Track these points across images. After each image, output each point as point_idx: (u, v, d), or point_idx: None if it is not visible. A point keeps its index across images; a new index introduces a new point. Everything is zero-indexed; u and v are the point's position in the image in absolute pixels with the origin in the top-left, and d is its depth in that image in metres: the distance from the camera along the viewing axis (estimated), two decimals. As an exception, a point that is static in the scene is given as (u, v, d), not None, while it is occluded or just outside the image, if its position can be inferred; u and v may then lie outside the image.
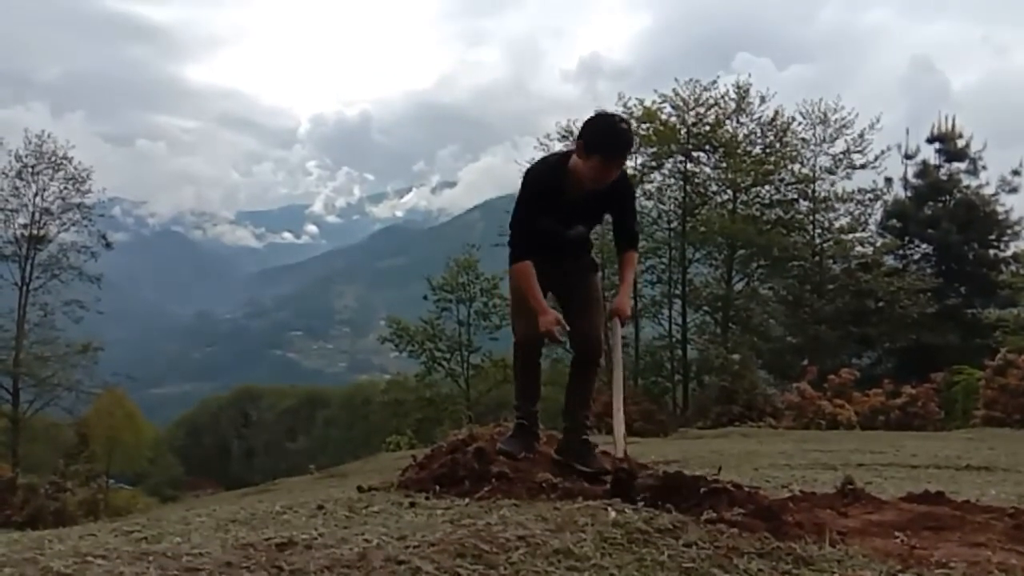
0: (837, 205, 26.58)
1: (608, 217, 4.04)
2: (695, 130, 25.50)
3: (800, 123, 26.06)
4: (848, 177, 26.36)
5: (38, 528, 5.52)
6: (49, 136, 28.53)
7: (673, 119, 25.66)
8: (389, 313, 34.78)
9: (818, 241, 26.75)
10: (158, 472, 48.93)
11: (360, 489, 3.87)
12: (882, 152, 26.20)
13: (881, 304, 24.87)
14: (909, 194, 27.69)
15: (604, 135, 3.59)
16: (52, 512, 17.92)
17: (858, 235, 26.89)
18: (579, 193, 3.71)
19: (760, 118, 26.05)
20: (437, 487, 3.48)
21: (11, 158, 27.75)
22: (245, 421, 61.37)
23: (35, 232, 28.00)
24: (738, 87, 25.86)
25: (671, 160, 26.21)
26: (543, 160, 4.05)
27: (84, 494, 21.80)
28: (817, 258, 26.53)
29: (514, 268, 3.73)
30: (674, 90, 25.63)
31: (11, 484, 20.11)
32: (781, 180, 26.32)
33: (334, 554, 2.21)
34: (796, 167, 26.27)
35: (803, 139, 26.18)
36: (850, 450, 7.92)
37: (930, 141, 27.54)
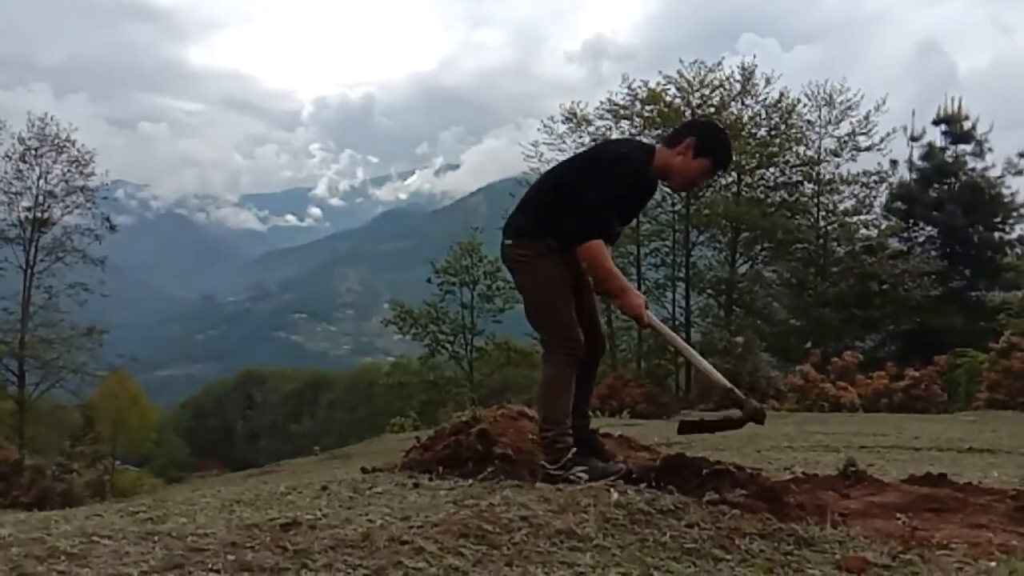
0: (842, 187, 26.37)
1: None
2: (700, 112, 25.27)
3: (805, 105, 25.80)
4: (853, 159, 26.12)
5: (45, 509, 5.56)
6: (52, 119, 28.28)
7: (677, 101, 25.45)
8: (393, 296, 34.82)
9: (822, 224, 26.60)
10: (163, 454, 49.31)
11: (364, 470, 3.90)
12: (888, 134, 25.94)
13: (885, 287, 24.77)
14: (914, 176, 27.52)
15: (723, 144, 3.72)
16: (59, 493, 17.99)
17: (863, 218, 26.77)
18: (646, 188, 3.71)
19: (765, 100, 25.79)
20: (440, 468, 3.50)
21: (14, 141, 27.63)
22: (250, 403, 61.63)
23: (39, 215, 27.90)
24: (743, 68, 25.60)
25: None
26: (632, 147, 3.81)
27: (90, 475, 21.90)
28: (821, 241, 26.40)
29: (591, 245, 3.34)
30: (679, 72, 25.40)
31: (18, 466, 20.21)
32: (786, 162, 26.14)
33: (338, 534, 2.22)
34: (801, 149, 26.05)
35: (808, 121, 25.93)
36: (853, 432, 7.94)
37: (936, 123, 27.30)
